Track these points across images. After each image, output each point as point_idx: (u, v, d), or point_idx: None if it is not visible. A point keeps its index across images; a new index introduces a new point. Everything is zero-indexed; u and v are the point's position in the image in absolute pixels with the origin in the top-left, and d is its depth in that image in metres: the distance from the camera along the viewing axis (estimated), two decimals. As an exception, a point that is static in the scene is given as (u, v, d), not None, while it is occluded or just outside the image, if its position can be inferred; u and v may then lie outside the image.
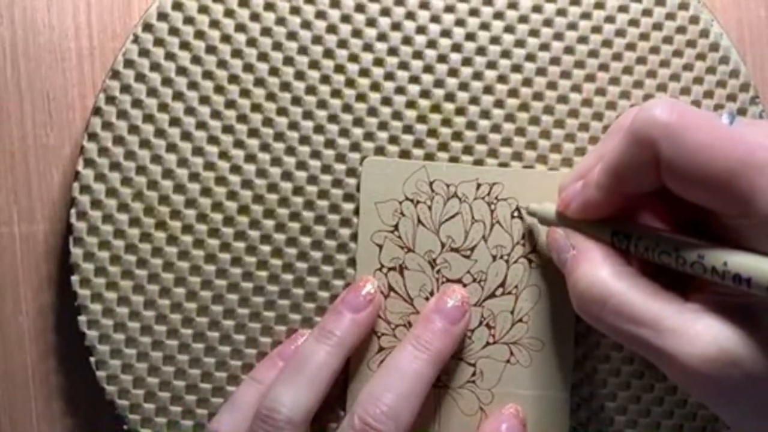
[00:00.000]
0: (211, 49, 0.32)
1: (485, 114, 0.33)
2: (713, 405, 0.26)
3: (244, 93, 0.32)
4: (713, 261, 0.24)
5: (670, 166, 0.24)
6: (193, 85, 0.32)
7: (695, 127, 0.24)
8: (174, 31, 0.32)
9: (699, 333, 0.24)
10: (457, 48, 0.33)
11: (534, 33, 0.33)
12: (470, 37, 0.33)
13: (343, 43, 0.32)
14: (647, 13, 0.33)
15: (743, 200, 0.23)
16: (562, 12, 0.33)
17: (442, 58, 0.33)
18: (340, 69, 0.32)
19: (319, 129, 0.32)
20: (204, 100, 0.32)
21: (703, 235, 0.26)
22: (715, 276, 0.24)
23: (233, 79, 0.32)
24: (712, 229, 0.26)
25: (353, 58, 0.32)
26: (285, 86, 0.32)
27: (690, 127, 0.24)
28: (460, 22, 0.33)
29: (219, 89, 0.32)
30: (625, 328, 0.26)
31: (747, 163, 0.23)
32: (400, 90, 0.33)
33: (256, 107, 0.32)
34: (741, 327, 0.24)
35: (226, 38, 0.32)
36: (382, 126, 0.33)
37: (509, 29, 0.33)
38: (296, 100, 0.32)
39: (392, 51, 0.32)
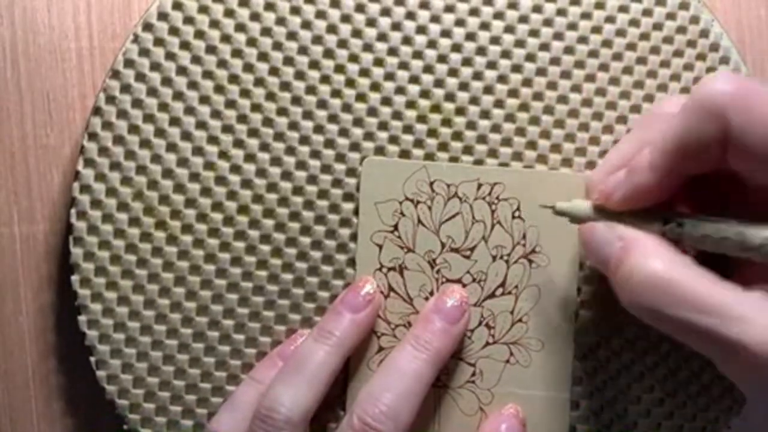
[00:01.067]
0: (211, 49, 0.32)
1: (485, 114, 0.33)
2: None
3: (244, 93, 0.32)
4: None
5: (741, 139, 0.24)
6: (193, 85, 0.32)
7: (763, 96, 0.23)
8: (174, 30, 0.32)
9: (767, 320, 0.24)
10: (457, 48, 0.33)
11: (534, 33, 0.33)
12: (470, 37, 0.33)
13: (343, 43, 0.32)
14: (647, 13, 0.33)
15: None
16: (562, 12, 0.33)
17: (442, 58, 0.33)
18: (340, 69, 0.32)
19: (318, 129, 0.32)
20: (204, 99, 0.32)
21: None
22: None
23: (233, 78, 0.32)
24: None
25: (353, 58, 0.32)
26: (285, 86, 0.32)
27: (757, 95, 0.23)
28: (460, 22, 0.33)
29: (219, 89, 0.32)
30: (688, 317, 0.25)
31: None
32: (400, 90, 0.33)
33: (256, 107, 0.32)
34: None
35: (226, 38, 0.32)
36: (382, 126, 0.33)
37: (509, 29, 0.33)
38: (296, 100, 0.32)
39: (392, 51, 0.32)
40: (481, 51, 0.33)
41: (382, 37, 0.32)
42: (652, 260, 0.26)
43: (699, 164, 0.26)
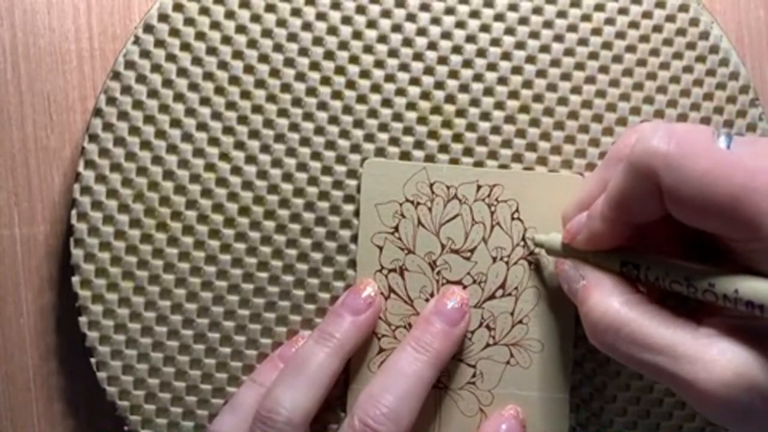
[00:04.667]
0: (211, 51, 0.32)
1: (485, 116, 0.33)
2: (732, 429, 0.26)
3: (245, 94, 0.32)
4: (724, 288, 0.24)
5: (673, 196, 0.24)
6: (193, 87, 0.32)
7: (694, 155, 0.24)
8: (174, 32, 0.32)
9: (714, 358, 0.24)
10: (457, 50, 0.33)
11: (534, 35, 0.33)
12: (470, 39, 0.33)
13: (343, 45, 0.32)
14: (647, 15, 0.33)
15: (750, 225, 0.23)
16: (562, 14, 0.33)
17: (442, 60, 0.33)
18: (340, 70, 0.32)
19: (319, 130, 0.32)
20: (204, 101, 0.32)
21: (712, 256, 0.26)
22: (727, 303, 0.24)
23: (233, 80, 0.32)
24: (720, 251, 0.26)
25: (354, 59, 0.32)
26: (285, 88, 0.32)
27: (689, 155, 0.24)
28: (460, 24, 0.33)
29: (219, 90, 0.32)
30: (640, 356, 0.26)
31: (749, 188, 0.23)
32: (400, 91, 0.33)
33: (256, 108, 0.32)
34: (756, 350, 0.24)
35: (226, 39, 0.32)
36: (383, 127, 0.33)
37: (509, 31, 0.33)
38: (296, 102, 0.32)
39: (392, 53, 0.33)
40: (481, 53, 0.33)
41: (382, 38, 0.32)
42: (607, 300, 0.27)
43: (643, 215, 0.27)
